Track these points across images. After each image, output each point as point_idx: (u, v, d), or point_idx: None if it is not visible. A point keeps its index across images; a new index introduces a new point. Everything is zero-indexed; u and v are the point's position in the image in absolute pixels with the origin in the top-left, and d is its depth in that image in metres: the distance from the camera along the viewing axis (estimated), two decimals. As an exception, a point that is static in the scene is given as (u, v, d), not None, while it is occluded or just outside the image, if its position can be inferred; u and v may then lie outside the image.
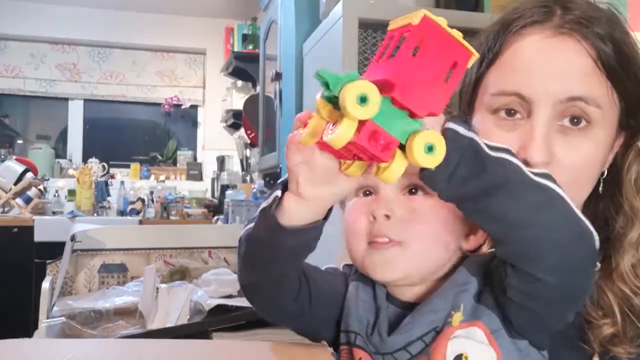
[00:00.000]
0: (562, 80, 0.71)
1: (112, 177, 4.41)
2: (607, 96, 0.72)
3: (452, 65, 0.51)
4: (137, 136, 4.88)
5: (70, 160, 4.50)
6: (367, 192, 0.67)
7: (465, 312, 0.61)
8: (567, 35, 0.72)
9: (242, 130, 3.93)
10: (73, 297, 1.54)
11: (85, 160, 4.46)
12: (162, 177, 4.54)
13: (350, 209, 0.68)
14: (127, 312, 1.37)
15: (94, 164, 4.31)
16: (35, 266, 3.23)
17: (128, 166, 4.56)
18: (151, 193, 4.15)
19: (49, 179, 4.12)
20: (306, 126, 0.54)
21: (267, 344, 0.69)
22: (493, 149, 0.54)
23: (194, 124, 4.91)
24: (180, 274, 1.61)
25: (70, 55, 4.57)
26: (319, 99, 0.52)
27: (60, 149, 4.62)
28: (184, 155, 4.78)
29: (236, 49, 4.06)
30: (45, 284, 1.44)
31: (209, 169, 4.66)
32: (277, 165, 2.67)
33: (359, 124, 0.49)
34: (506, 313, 0.60)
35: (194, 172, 4.65)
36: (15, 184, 3.73)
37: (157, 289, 1.33)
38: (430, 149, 0.50)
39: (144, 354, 0.66)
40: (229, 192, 3.54)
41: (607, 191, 0.78)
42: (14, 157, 4.12)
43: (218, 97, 4.59)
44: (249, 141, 3.87)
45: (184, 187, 4.48)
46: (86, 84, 4.59)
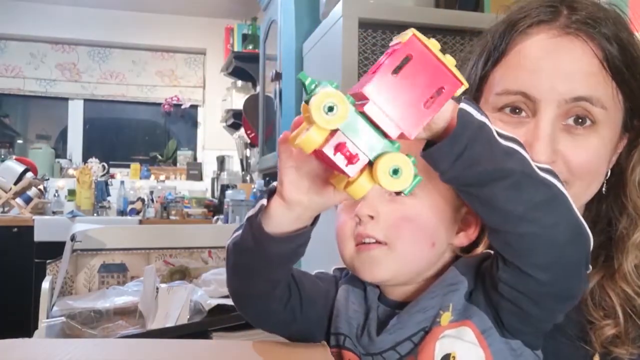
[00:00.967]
0: (568, 80, 0.70)
1: (112, 177, 4.41)
2: (612, 97, 0.72)
3: (436, 91, 0.49)
4: (137, 136, 4.88)
5: (70, 160, 4.50)
6: None
7: (455, 312, 0.61)
8: (574, 35, 0.72)
9: (242, 130, 3.93)
10: (73, 297, 1.54)
11: (85, 160, 4.46)
12: (162, 177, 4.54)
13: (338, 211, 0.68)
14: (127, 312, 1.37)
15: (94, 163, 4.32)
16: (35, 266, 3.23)
17: (128, 166, 4.57)
18: (151, 193, 4.15)
19: (49, 179, 4.13)
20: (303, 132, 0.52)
21: (267, 344, 0.69)
22: (503, 137, 0.53)
23: (194, 123, 4.91)
24: (180, 274, 1.61)
25: (70, 55, 4.57)
26: (303, 103, 0.51)
27: (60, 148, 4.62)
28: (184, 155, 4.78)
29: (236, 49, 4.06)
30: (45, 284, 1.44)
31: (209, 168, 4.66)
32: (277, 165, 2.67)
33: (329, 133, 0.48)
34: (497, 311, 0.60)
35: (194, 172, 4.65)
36: (15, 183, 3.74)
37: (157, 288, 1.33)
38: (396, 172, 0.48)
39: (144, 354, 0.66)
40: (229, 192, 3.55)
41: (610, 192, 0.78)
42: (14, 157, 4.12)
43: (218, 97, 4.60)
44: (249, 141, 3.88)
45: (184, 187, 4.48)
46: (86, 83, 4.59)
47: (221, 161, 4.48)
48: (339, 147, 0.48)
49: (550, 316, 0.60)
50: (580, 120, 0.71)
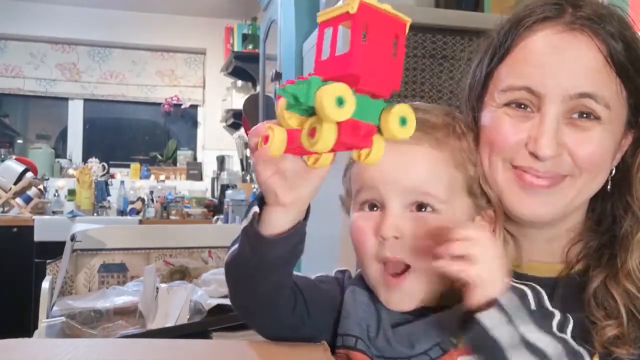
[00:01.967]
0: (573, 76, 0.71)
1: (112, 176, 4.41)
2: (617, 94, 0.72)
3: (393, 39, 0.53)
4: (137, 136, 4.88)
5: (70, 160, 4.50)
6: (373, 206, 0.66)
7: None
8: (579, 31, 0.72)
9: (242, 130, 3.93)
10: (73, 297, 1.53)
11: (85, 160, 4.46)
12: (162, 177, 4.54)
13: (356, 224, 0.67)
14: (127, 312, 1.37)
15: (94, 163, 4.32)
16: (35, 266, 3.23)
17: (128, 166, 4.56)
18: (151, 193, 4.15)
19: (48, 179, 4.12)
20: (267, 140, 0.54)
21: (266, 344, 0.69)
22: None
23: (194, 123, 4.90)
24: (180, 274, 1.61)
25: (70, 55, 4.57)
26: (281, 110, 0.53)
27: (60, 148, 4.62)
28: (183, 155, 4.78)
29: (236, 49, 4.06)
30: (45, 284, 1.44)
31: (209, 168, 4.66)
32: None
33: (338, 123, 0.51)
34: None
35: (194, 171, 4.65)
36: (15, 183, 3.73)
37: (157, 288, 1.33)
38: (404, 121, 0.53)
39: (144, 354, 0.66)
40: (228, 192, 3.55)
41: (615, 190, 0.78)
42: (14, 156, 4.12)
43: (218, 96, 4.59)
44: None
45: (183, 186, 4.48)
46: (86, 83, 4.59)
47: (221, 161, 4.48)
48: (355, 130, 0.52)
49: None
50: (584, 115, 0.72)
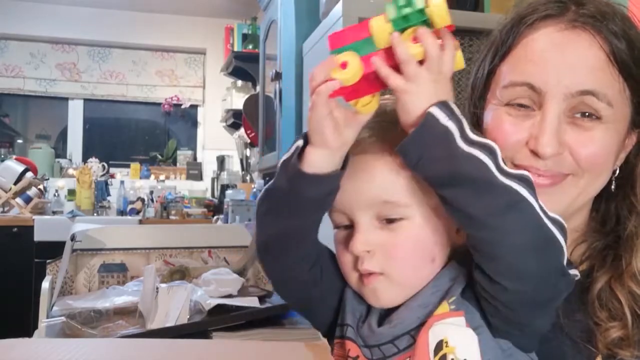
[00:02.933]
0: (574, 73, 0.70)
1: (112, 176, 4.41)
2: (620, 92, 0.72)
3: None
4: (137, 136, 4.88)
5: (70, 160, 4.50)
6: (348, 226, 0.66)
7: (454, 304, 0.61)
8: (581, 29, 0.72)
9: (242, 130, 3.93)
10: (73, 297, 1.53)
11: (85, 160, 4.46)
12: (162, 177, 4.54)
13: (335, 241, 0.68)
14: (127, 312, 1.36)
15: (94, 163, 4.32)
16: (35, 266, 3.23)
17: (128, 166, 4.57)
18: (151, 193, 4.15)
19: (48, 179, 4.13)
20: (345, 66, 0.57)
21: (266, 344, 0.69)
22: (470, 142, 0.55)
23: (194, 123, 4.91)
24: (180, 274, 1.61)
25: (70, 55, 4.57)
26: (382, 23, 0.57)
27: (60, 148, 4.62)
28: (183, 155, 4.78)
29: (236, 49, 4.06)
30: (45, 284, 1.44)
31: (209, 168, 4.66)
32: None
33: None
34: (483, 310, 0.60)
35: (194, 171, 4.65)
36: (15, 183, 3.74)
37: (157, 288, 1.33)
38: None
39: (144, 354, 0.66)
40: (228, 192, 3.55)
41: (619, 191, 0.78)
42: (13, 156, 4.12)
43: (218, 96, 4.60)
44: (248, 141, 3.88)
45: (183, 186, 4.48)
46: (86, 83, 4.59)
47: (221, 161, 4.48)
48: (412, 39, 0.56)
49: (530, 321, 0.59)
50: (587, 115, 0.71)
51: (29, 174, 3.80)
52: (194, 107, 4.84)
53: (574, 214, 0.77)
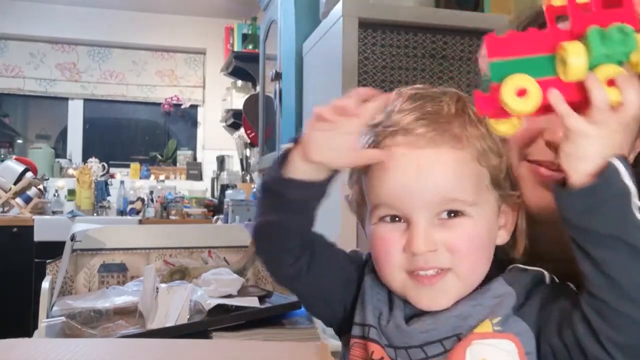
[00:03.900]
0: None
1: (112, 176, 4.41)
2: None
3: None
4: (137, 136, 4.88)
5: (70, 160, 4.50)
6: (394, 217, 0.63)
7: (499, 323, 0.59)
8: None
9: (242, 130, 3.93)
10: (73, 297, 1.53)
11: (85, 160, 4.46)
12: (162, 177, 4.54)
13: (377, 236, 0.64)
14: (127, 312, 1.36)
15: (94, 163, 4.32)
16: (35, 266, 3.23)
17: (128, 166, 4.56)
18: (151, 193, 4.15)
19: (48, 179, 4.12)
20: (522, 95, 0.51)
21: (266, 344, 0.69)
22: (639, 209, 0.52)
23: (194, 123, 4.91)
24: (180, 274, 1.61)
25: (70, 55, 4.57)
26: (579, 51, 0.50)
27: (60, 148, 4.62)
28: (183, 155, 4.78)
29: (236, 49, 4.06)
30: (45, 284, 1.44)
31: (209, 168, 4.66)
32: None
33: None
34: (546, 345, 0.58)
35: (194, 171, 4.65)
36: (15, 183, 3.73)
37: (157, 288, 1.33)
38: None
39: (144, 353, 0.66)
40: (228, 192, 3.54)
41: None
42: (13, 156, 4.12)
43: (218, 96, 4.60)
44: (248, 141, 3.88)
45: (183, 186, 4.48)
46: (86, 83, 4.59)
47: (221, 161, 4.48)
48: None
49: None
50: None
51: (29, 174, 3.80)
52: (194, 107, 4.84)
53: None
